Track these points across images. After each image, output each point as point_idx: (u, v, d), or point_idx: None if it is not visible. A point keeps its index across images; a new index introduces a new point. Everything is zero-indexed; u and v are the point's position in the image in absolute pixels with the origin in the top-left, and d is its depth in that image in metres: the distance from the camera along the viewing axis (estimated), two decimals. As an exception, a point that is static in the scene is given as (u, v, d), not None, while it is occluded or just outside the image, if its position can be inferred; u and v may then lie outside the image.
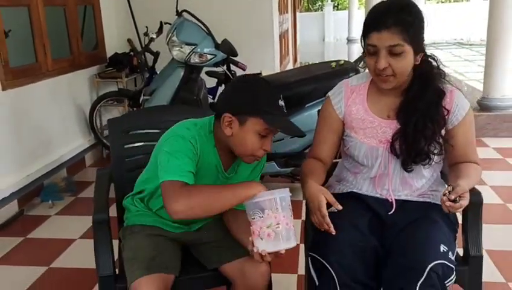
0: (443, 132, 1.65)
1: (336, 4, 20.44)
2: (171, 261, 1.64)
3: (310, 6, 21.57)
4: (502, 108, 4.98)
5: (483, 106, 5.09)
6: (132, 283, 1.52)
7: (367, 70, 1.68)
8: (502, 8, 4.76)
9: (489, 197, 3.47)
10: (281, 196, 1.41)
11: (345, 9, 18.92)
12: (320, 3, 21.61)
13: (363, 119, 1.69)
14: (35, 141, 3.89)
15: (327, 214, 1.49)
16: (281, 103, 1.56)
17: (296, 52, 10.42)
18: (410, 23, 1.51)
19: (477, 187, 1.74)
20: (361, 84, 1.73)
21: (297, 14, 11.95)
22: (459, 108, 1.64)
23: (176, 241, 1.75)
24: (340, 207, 1.50)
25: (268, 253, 1.43)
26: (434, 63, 1.65)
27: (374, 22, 1.53)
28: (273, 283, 1.78)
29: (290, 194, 1.44)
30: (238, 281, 1.65)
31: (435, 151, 1.63)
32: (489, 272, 2.51)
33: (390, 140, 1.65)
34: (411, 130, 1.61)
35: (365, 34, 1.56)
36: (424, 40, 1.58)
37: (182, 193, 1.43)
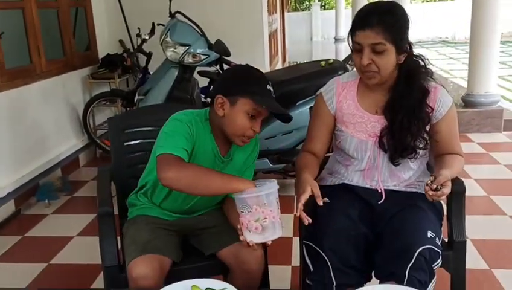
0: (428, 127, 1.76)
1: (323, 4, 20.59)
2: (166, 245, 1.72)
3: (298, 6, 21.70)
4: (485, 104, 5.12)
5: (467, 102, 5.23)
6: (129, 264, 1.62)
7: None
8: (484, 7, 4.90)
9: (473, 189, 3.60)
10: (269, 192, 1.49)
11: (332, 8, 19.07)
12: (307, 3, 21.76)
13: (353, 114, 1.80)
14: (30, 141, 3.94)
15: (303, 203, 1.56)
16: (269, 87, 1.68)
17: (285, 52, 10.51)
18: (392, 24, 1.62)
19: (462, 179, 1.84)
20: (351, 81, 1.83)
21: (286, 14, 12.04)
22: (442, 104, 1.74)
23: (176, 231, 1.83)
24: (321, 203, 1.58)
25: (256, 243, 1.53)
26: (421, 62, 1.75)
27: (359, 21, 1.64)
28: (269, 275, 1.87)
29: (277, 187, 1.51)
30: (234, 266, 1.74)
31: (421, 146, 1.74)
32: (474, 260, 2.62)
33: (379, 134, 1.76)
34: (397, 127, 1.71)
35: (352, 32, 1.67)
36: (408, 41, 1.68)
37: (175, 163, 1.54)
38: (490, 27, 4.92)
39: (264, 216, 1.49)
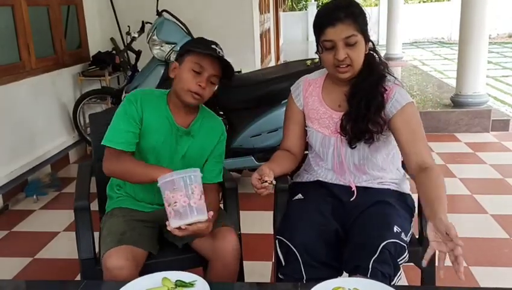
0: (383, 114, 1.75)
1: (319, 4, 20.60)
2: (142, 237, 1.76)
3: (295, 5, 21.72)
4: (473, 104, 5.16)
5: (456, 102, 5.27)
6: (104, 254, 1.66)
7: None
8: (473, 8, 4.95)
9: (458, 188, 3.65)
10: (177, 177, 1.56)
11: (328, 8, 19.07)
12: (304, 2, 21.78)
13: (317, 109, 1.84)
14: (20, 137, 3.97)
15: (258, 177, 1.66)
16: (215, 47, 1.79)
17: (279, 51, 10.54)
18: (358, 15, 1.68)
19: (447, 179, 1.83)
20: (318, 78, 1.89)
21: (281, 13, 12.08)
22: (397, 96, 1.74)
23: (152, 223, 1.87)
24: (270, 179, 1.66)
25: (178, 228, 1.57)
26: (376, 55, 1.80)
27: (327, 19, 1.67)
28: (249, 270, 1.91)
29: (193, 173, 1.57)
30: (210, 254, 1.77)
31: (375, 130, 1.73)
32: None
33: (340, 125, 1.78)
34: (354, 109, 1.74)
35: (320, 32, 1.69)
36: (367, 30, 1.73)
37: (111, 159, 1.76)
38: (479, 28, 4.96)
39: (174, 200, 1.55)
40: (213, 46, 1.79)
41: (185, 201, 1.55)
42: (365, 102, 1.73)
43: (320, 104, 1.84)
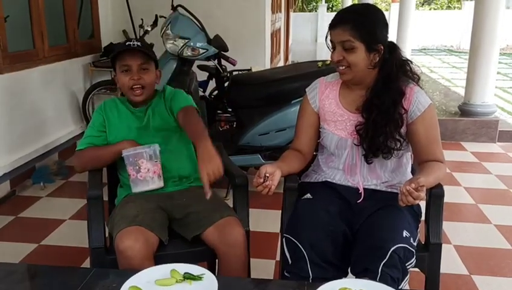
0: (404, 129, 1.80)
1: (330, 5, 20.59)
2: (153, 221, 1.79)
3: (305, 6, 21.69)
4: (481, 114, 5.16)
5: (464, 111, 5.27)
6: (116, 235, 1.71)
7: None
8: (485, 17, 4.94)
9: (462, 197, 3.65)
10: (125, 155, 1.91)
11: (339, 11, 19.05)
12: (314, 3, 21.76)
13: (334, 112, 1.86)
14: (29, 124, 3.99)
15: (261, 178, 1.68)
16: (130, 43, 1.98)
17: (288, 51, 10.54)
18: (360, 22, 1.70)
19: (452, 187, 1.87)
20: (334, 81, 1.90)
21: (291, 14, 12.06)
22: (417, 103, 1.77)
23: (162, 210, 1.90)
24: (261, 180, 1.67)
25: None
26: (408, 67, 1.80)
27: (332, 21, 1.76)
28: (253, 267, 1.92)
29: (136, 153, 1.89)
30: (218, 243, 1.79)
31: (393, 147, 1.78)
32: (455, 265, 2.68)
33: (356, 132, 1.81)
34: (370, 126, 1.77)
35: (328, 33, 1.77)
36: (384, 42, 1.74)
37: (76, 157, 2.05)
38: (490, 38, 4.96)
39: (129, 173, 1.92)
40: (128, 42, 1.98)
41: (133, 175, 1.92)
42: (381, 120, 1.75)
43: (338, 107, 1.86)
